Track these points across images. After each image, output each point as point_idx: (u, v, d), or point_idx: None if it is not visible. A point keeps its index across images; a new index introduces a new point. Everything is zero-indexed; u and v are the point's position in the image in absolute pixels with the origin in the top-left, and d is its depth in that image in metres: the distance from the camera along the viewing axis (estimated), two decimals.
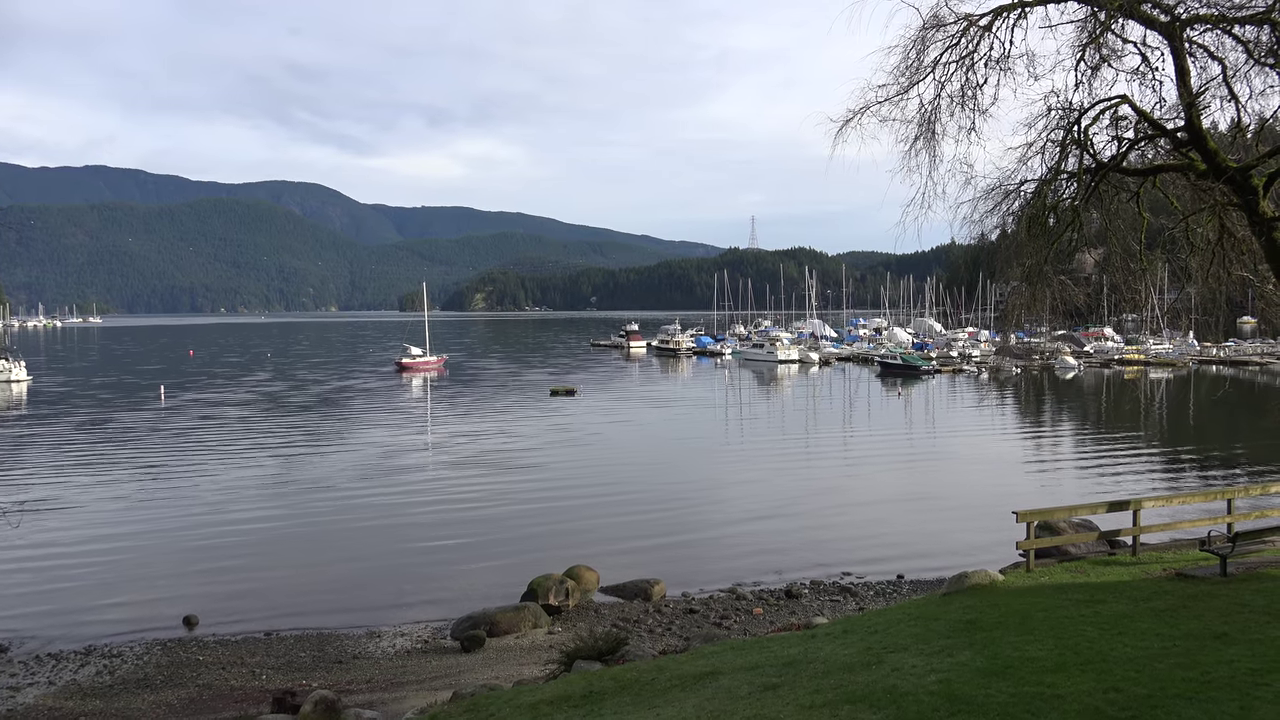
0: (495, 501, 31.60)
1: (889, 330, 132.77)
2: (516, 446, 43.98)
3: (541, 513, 29.96)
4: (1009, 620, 12.21)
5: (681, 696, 10.30)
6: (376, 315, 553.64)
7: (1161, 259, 25.10)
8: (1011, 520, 16.96)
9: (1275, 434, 45.57)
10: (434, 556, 25.01)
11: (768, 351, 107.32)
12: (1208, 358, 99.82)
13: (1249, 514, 20.24)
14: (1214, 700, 7.67)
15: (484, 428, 50.99)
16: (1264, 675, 8.36)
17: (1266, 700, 7.59)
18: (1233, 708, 7.45)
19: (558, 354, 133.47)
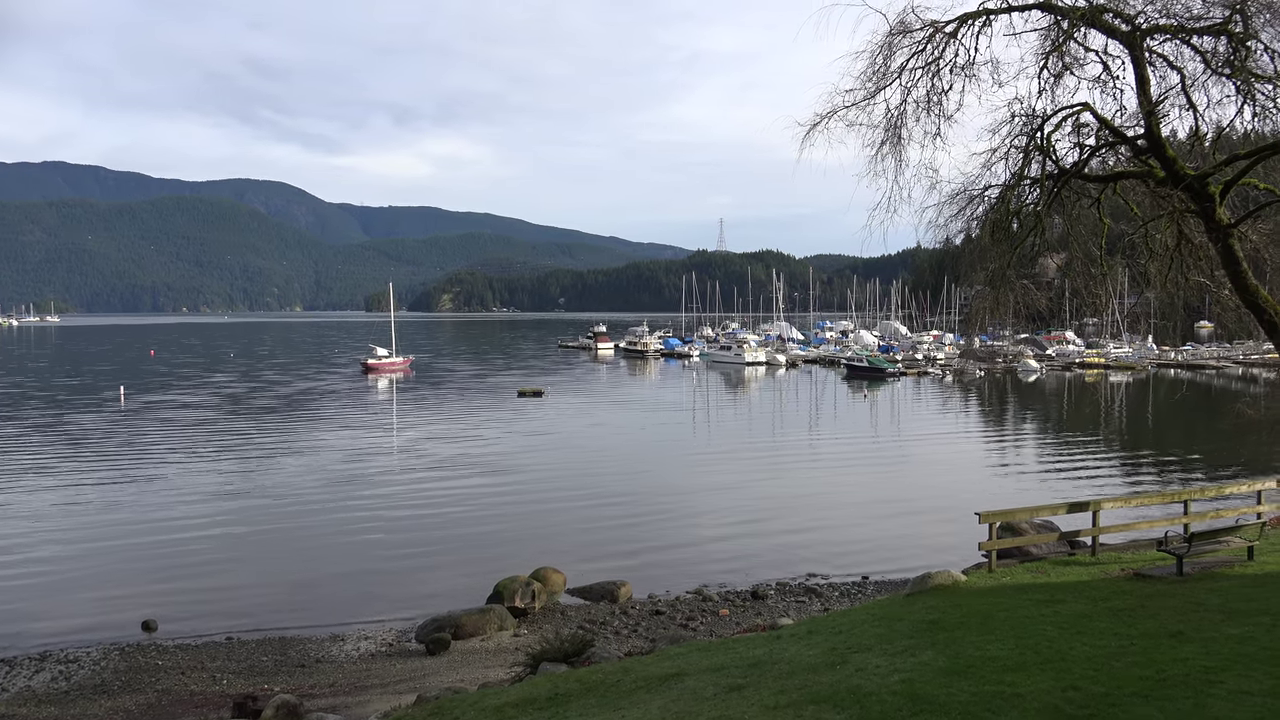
0: (461, 504, 31.43)
1: (855, 333, 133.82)
2: (483, 448, 43.79)
3: (508, 515, 29.85)
4: (971, 620, 12.34)
5: (647, 698, 10.30)
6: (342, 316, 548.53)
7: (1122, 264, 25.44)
8: (975, 521, 17.16)
9: (1231, 437, 46.45)
10: (399, 559, 24.82)
11: (735, 354, 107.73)
12: (1166, 361, 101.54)
13: (1205, 515, 20.63)
14: (1170, 698, 7.80)
15: (451, 429, 50.71)
16: (1218, 674, 8.51)
17: (1220, 698, 7.73)
18: (1188, 705, 7.58)
19: (525, 355, 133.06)
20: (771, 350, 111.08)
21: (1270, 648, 9.49)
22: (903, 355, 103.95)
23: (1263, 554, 15.99)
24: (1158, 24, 16.71)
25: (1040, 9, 17.29)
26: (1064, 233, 20.47)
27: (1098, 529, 18.53)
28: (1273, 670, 8.49)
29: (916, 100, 17.79)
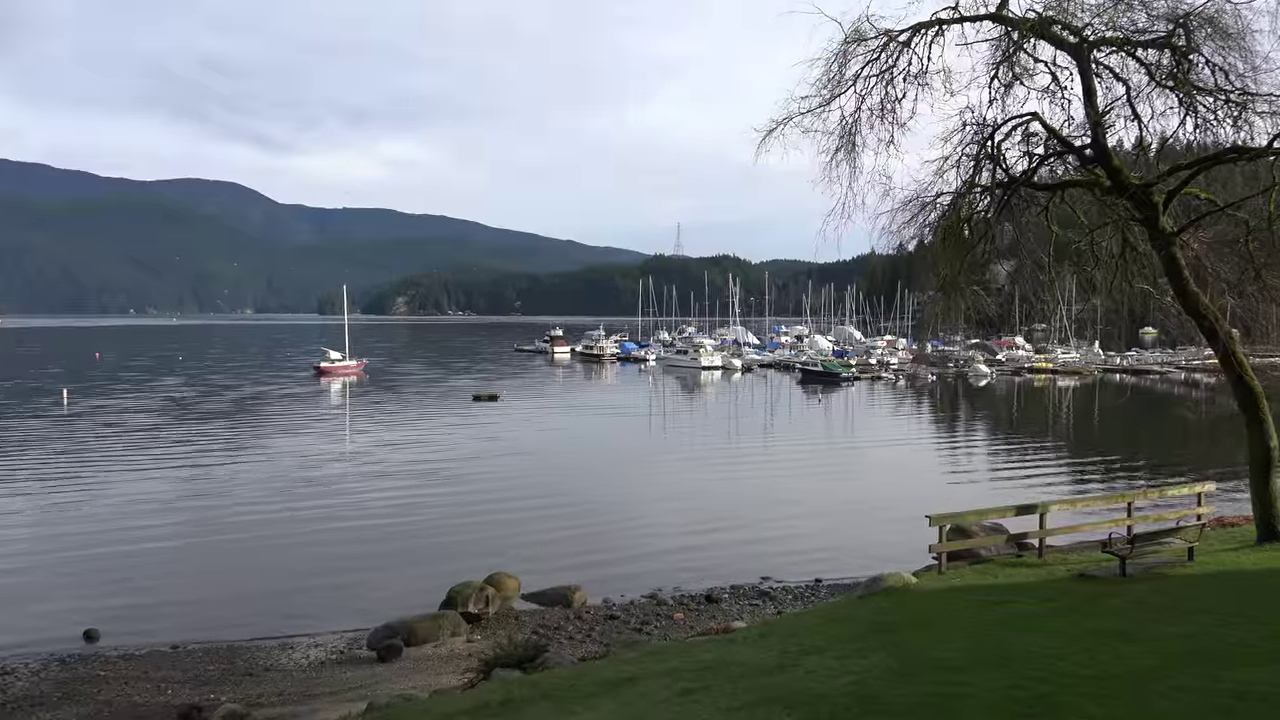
0: (415, 509, 31.11)
1: (810, 338, 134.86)
2: (438, 453, 43.43)
3: (462, 521, 29.60)
4: (921, 621, 12.50)
5: (600, 702, 10.27)
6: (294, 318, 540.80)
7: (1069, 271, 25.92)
8: (926, 524, 17.37)
9: (1173, 440, 47.56)
10: (351, 566, 24.45)
11: (691, 358, 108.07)
12: (1112, 366, 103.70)
13: (1147, 517, 21.10)
14: (1112, 695, 7.96)
15: (405, 434, 50.23)
16: (1158, 671, 8.71)
17: (1160, 695, 7.90)
18: (1129, 702, 7.74)
19: (481, 359, 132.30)
20: (727, 355, 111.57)
21: (1209, 646, 9.73)
22: (857, 360, 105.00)
23: (1202, 555, 16.38)
24: (1104, 36, 17.09)
25: (991, 20, 17.59)
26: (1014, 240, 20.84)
27: (1044, 531, 18.86)
28: (1211, 668, 8.70)
29: (871, 108, 18.01)
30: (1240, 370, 17.49)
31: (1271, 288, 17.62)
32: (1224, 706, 7.43)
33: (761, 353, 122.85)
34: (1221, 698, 7.71)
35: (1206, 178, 17.67)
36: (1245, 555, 16.46)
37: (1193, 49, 16.24)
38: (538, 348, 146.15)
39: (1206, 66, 16.27)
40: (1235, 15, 15.74)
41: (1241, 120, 16.18)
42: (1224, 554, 16.74)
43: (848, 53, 17.62)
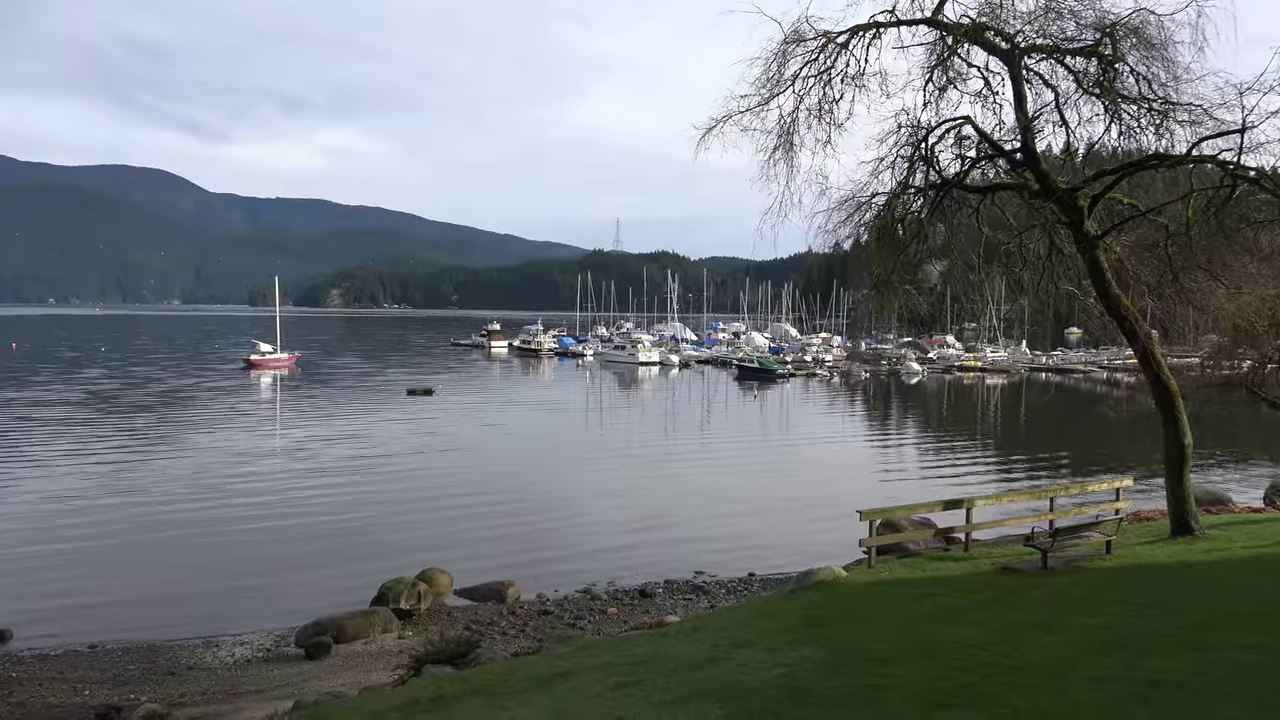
0: (347, 505, 30.62)
1: (747, 334, 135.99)
2: (371, 448, 42.79)
3: (395, 517, 29.21)
4: (850, 614, 12.69)
5: (533, 698, 10.23)
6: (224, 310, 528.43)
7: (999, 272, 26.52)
8: (857, 519, 17.63)
9: (1095, 437, 48.97)
10: (280, 563, 23.97)
11: (629, 353, 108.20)
12: (1038, 365, 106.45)
13: (1068, 512, 21.71)
14: (1032, 685, 8.17)
15: (338, 429, 49.39)
16: (1076, 660, 8.97)
17: (1077, 684, 8.13)
18: (1048, 691, 7.96)
19: (417, 353, 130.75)
20: (665, 351, 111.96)
21: (1125, 636, 10.04)
22: (792, 357, 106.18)
23: (1119, 548, 16.91)
24: (1035, 44, 17.50)
25: (927, 24, 17.89)
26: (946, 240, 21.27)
27: (970, 525, 19.27)
28: (1127, 657, 8.98)
29: (808, 108, 18.20)
30: (1158, 370, 18.06)
31: (1188, 290, 18.22)
32: (1139, 695, 7.68)
33: (699, 349, 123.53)
34: (1137, 686, 7.96)
35: (1129, 183, 18.20)
36: (1160, 548, 17.03)
37: (1118, 58, 16.73)
38: (475, 342, 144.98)
39: (1131, 75, 16.77)
40: (1159, 26, 16.24)
41: (1163, 128, 16.70)
42: (1140, 547, 17.31)
43: (787, 53, 17.78)
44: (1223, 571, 14.35)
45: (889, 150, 18.01)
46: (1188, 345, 31.84)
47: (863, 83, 18.05)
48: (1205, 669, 8.37)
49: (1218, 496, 27.05)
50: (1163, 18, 16.13)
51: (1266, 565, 14.63)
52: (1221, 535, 18.03)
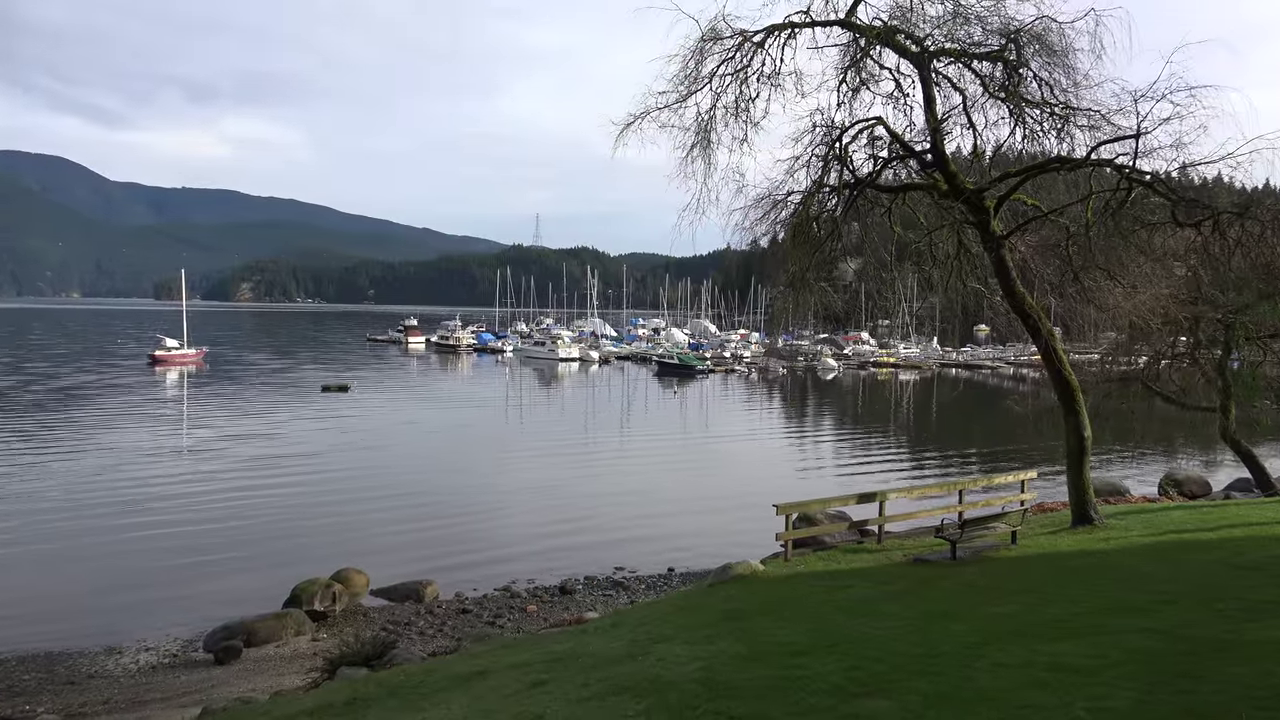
0: (259, 506, 29.78)
1: (666, 330, 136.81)
2: (283, 447, 41.75)
3: (310, 516, 28.59)
4: (767, 608, 12.88)
5: (449, 698, 10.14)
6: (127, 304, 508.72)
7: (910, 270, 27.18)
8: (774, 513, 17.88)
9: (1001, 431, 50.57)
10: (187, 567, 23.16)
11: (549, 349, 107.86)
12: (949, 361, 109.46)
13: (977, 504, 22.39)
14: (940, 673, 8.41)
15: (248, 427, 48.05)
16: (982, 648, 9.26)
17: (983, 670, 8.40)
18: (955, 678, 8.20)
19: (331, 349, 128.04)
20: (585, 346, 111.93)
21: (1027, 623, 10.41)
22: (711, 353, 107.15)
23: (1025, 538, 17.52)
24: (943, 47, 17.97)
25: (840, 26, 18.22)
26: (860, 239, 21.72)
27: (883, 518, 19.74)
28: (1029, 643, 9.31)
29: (726, 106, 18.37)
30: (1059, 365, 18.74)
31: (1088, 289, 18.94)
32: (1040, 679, 7.96)
33: (619, 345, 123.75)
34: (1038, 670, 8.25)
35: (1033, 185, 18.84)
36: (1061, 538, 17.68)
37: (1022, 63, 17.28)
38: (391, 337, 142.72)
39: (1034, 80, 17.35)
40: (1060, 34, 16.83)
41: (1064, 132, 17.32)
42: (1043, 537, 17.95)
43: (704, 51, 17.92)
44: (1120, 559, 14.96)
45: (804, 149, 18.30)
46: (1088, 342, 33.10)
47: (778, 82, 18.31)
48: (1103, 653, 8.72)
49: (1116, 487, 28.23)
50: (1064, 25, 16.74)
51: (1160, 552, 15.31)
52: (1119, 524, 18.80)
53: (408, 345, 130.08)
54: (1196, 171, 17.23)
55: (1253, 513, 19.72)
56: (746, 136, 18.44)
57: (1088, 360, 29.91)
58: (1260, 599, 10.65)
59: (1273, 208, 17.49)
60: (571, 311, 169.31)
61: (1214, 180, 19.84)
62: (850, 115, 18.31)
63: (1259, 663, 7.89)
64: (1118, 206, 17.05)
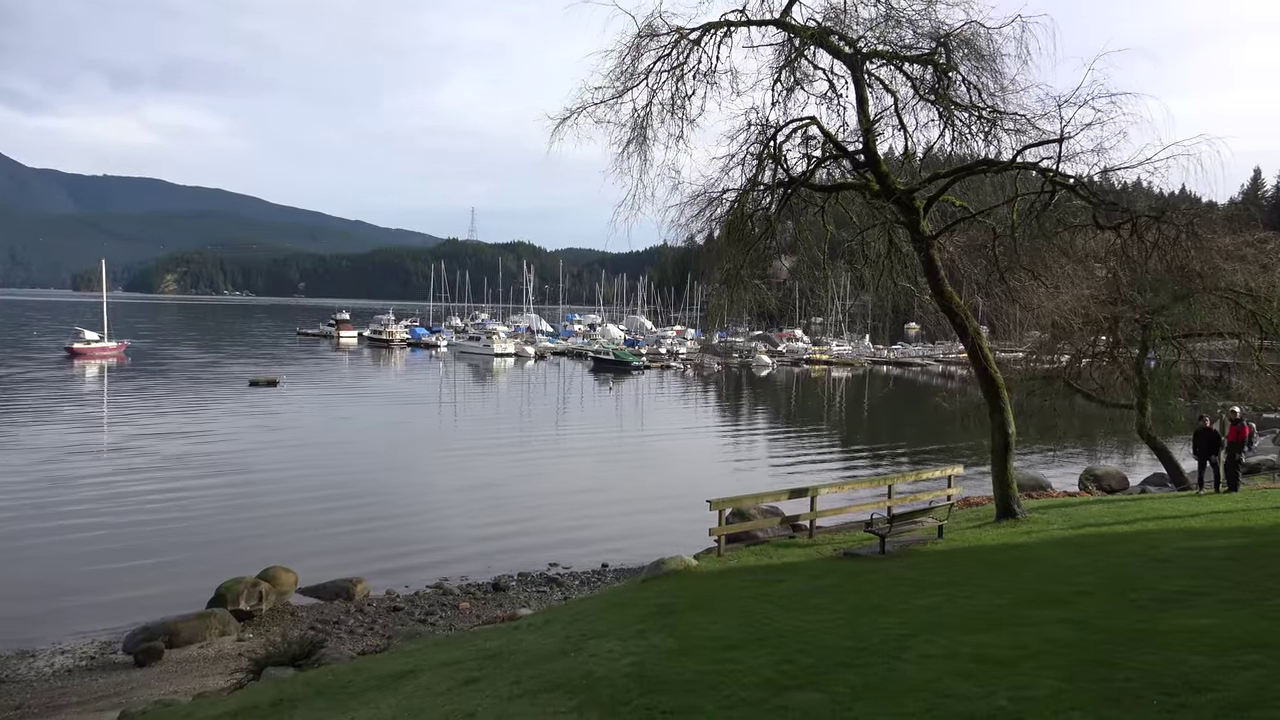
0: (184, 505, 28.97)
1: (603, 326, 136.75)
2: (209, 443, 40.72)
3: (236, 514, 27.92)
4: (699, 602, 12.96)
5: (379, 697, 10.00)
6: (43, 295, 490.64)
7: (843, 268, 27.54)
8: (708, 508, 18.01)
9: (930, 427, 51.64)
10: (108, 568, 22.39)
11: (484, 344, 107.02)
12: (880, 359, 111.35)
13: (906, 498, 22.83)
14: (868, 665, 8.55)
15: (173, 423, 46.75)
16: (909, 640, 9.44)
17: (909, 661, 8.56)
18: (882, 670, 8.34)
19: (260, 343, 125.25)
20: (520, 342, 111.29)
21: (952, 614, 10.64)
22: (647, 349, 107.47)
23: (951, 532, 17.91)
24: (876, 49, 18.25)
25: (775, 25, 18.39)
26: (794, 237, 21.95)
27: (815, 513, 20.01)
28: (954, 634, 9.52)
29: (662, 102, 18.43)
30: (985, 363, 19.19)
31: (1014, 289, 19.41)
32: (963, 669, 8.14)
33: (555, 340, 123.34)
34: (962, 661, 8.44)
35: (962, 186, 19.25)
36: (986, 532, 18.12)
37: (952, 67, 17.65)
38: (322, 331, 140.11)
39: (963, 84, 17.73)
40: (988, 39, 17.22)
41: (991, 135, 17.74)
42: (969, 531, 18.37)
43: (640, 47, 17.94)
44: (1041, 552, 15.38)
45: (739, 147, 18.44)
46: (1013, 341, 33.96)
47: (714, 80, 18.42)
48: (1024, 643, 8.95)
49: (1038, 482, 29.00)
50: (991, 31, 17.13)
51: (1079, 545, 15.76)
52: (1041, 518, 19.33)
53: (339, 340, 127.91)
54: (1117, 176, 17.75)
55: (1166, 506, 20.45)
56: (683, 134, 18.53)
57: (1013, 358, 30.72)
58: (1172, 589, 11.04)
59: (1187, 212, 18.12)
60: (507, 307, 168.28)
61: (1133, 185, 20.46)
62: (785, 114, 18.52)
63: (1170, 651, 8.18)
64: (1042, 209, 17.52)
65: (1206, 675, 7.34)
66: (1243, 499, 20.92)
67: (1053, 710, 6.80)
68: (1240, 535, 15.30)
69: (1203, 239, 17.70)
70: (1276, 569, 11.82)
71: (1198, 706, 6.65)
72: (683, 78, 18.27)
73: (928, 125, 18.76)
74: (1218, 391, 27.82)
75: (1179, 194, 29.87)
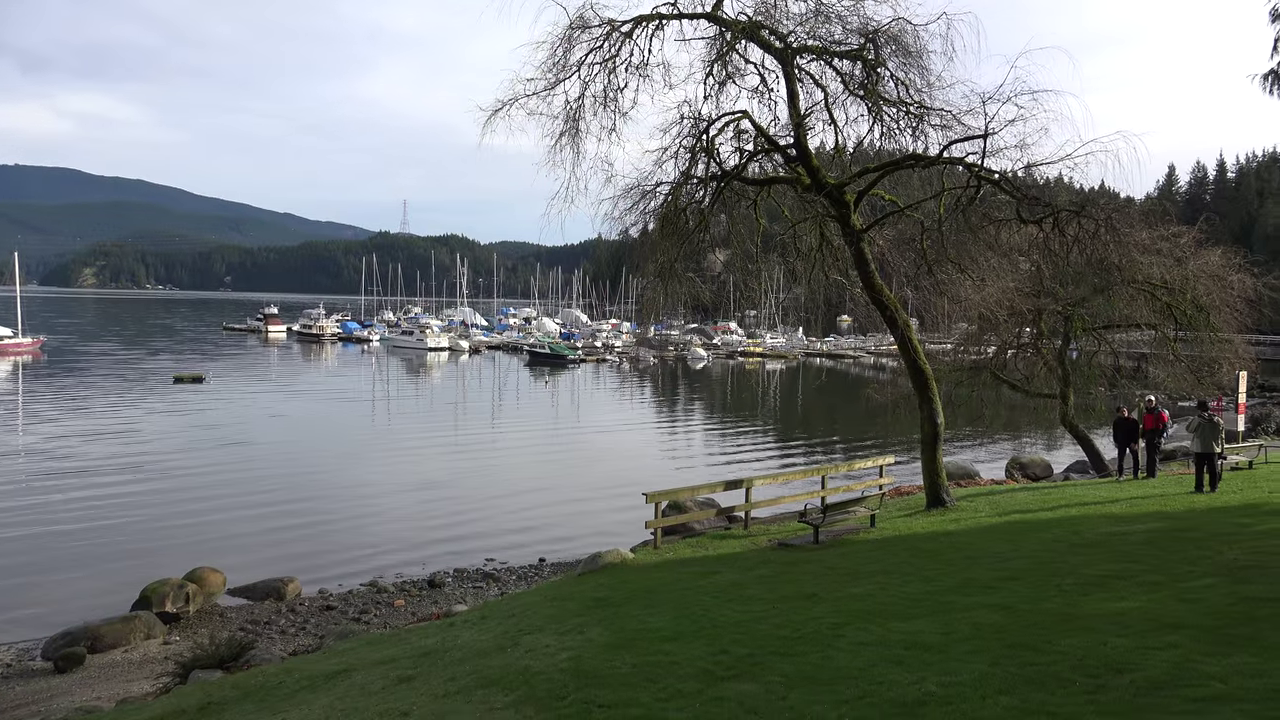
0: (106, 505, 28.05)
1: (538, 320, 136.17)
2: (133, 442, 39.52)
3: (161, 515, 27.10)
4: (636, 595, 12.98)
5: (310, 698, 9.82)
6: None
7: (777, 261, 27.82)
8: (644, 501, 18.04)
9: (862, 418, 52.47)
10: (24, 573, 21.52)
11: (417, 339, 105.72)
12: (813, 351, 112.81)
13: (839, 488, 23.17)
14: (802, 654, 8.66)
15: (93, 422, 45.26)
16: (842, 628, 9.58)
17: (843, 650, 8.70)
18: (816, 658, 8.46)
19: (185, 338, 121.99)
20: (454, 336, 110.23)
21: (884, 603, 10.83)
22: (583, 343, 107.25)
23: (883, 521, 18.23)
24: (806, 44, 18.44)
25: (707, 19, 18.47)
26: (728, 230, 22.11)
27: (750, 504, 20.19)
28: (885, 622, 9.69)
29: (594, 95, 18.39)
30: (915, 355, 19.55)
31: (941, 282, 19.84)
32: (895, 656, 8.29)
33: (489, 334, 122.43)
34: (894, 648, 8.60)
35: (891, 181, 19.57)
36: (917, 520, 18.48)
37: (880, 63, 17.92)
38: (250, 326, 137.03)
39: (891, 80, 18.02)
40: (915, 36, 17.53)
41: (919, 130, 18.08)
42: (900, 519, 18.71)
43: (572, 38, 17.88)
44: (970, 539, 15.74)
45: (673, 140, 18.49)
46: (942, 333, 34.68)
47: (647, 73, 18.44)
48: (952, 629, 9.15)
49: (966, 470, 29.69)
50: (918, 28, 17.45)
51: (1006, 532, 16.18)
52: (969, 506, 19.79)
53: (267, 334, 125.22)
54: (1039, 171, 18.25)
55: (1088, 493, 21.09)
56: (615, 126, 18.52)
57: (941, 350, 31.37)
58: (1095, 573, 11.39)
59: (1106, 207, 18.70)
60: (441, 300, 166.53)
61: (1055, 180, 21.04)
62: (717, 108, 18.62)
63: (1094, 633, 8.43)
64: (968, 203, 17.91)
65: (1126, 656, 7.59)
66: (1160, 485, 21.70)
67: (980, 694, 6.96)
68: (1158, 520, 15.86)
69: (1121, 233, 18.28)
70: (1192, 552, 12.27)
71: (1118, 687, 6.87)
72: (615, 70, 18.25)
73: (857, 120, 19.05)
74: (1136, 381, 28.78)
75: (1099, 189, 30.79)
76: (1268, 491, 18.81)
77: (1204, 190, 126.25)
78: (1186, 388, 26.57)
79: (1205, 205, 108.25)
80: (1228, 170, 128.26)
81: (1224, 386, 27.66)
